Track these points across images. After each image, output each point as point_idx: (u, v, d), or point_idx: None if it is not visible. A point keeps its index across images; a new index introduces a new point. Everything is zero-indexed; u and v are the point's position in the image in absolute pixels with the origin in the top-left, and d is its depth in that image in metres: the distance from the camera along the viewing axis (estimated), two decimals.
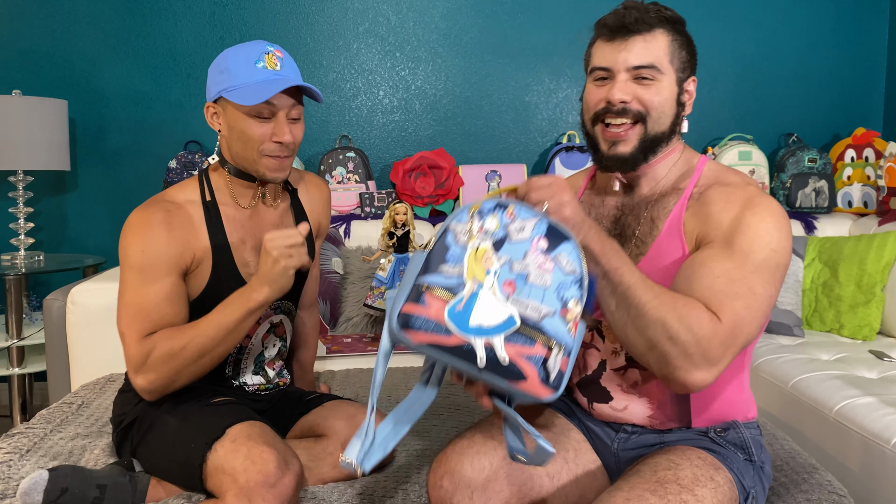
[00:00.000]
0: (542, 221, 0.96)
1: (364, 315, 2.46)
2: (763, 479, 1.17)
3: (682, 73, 1.16)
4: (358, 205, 2.81)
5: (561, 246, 0.95)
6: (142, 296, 1.27)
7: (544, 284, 0.92)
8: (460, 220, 0.96)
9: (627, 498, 0.99)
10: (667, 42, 1.14)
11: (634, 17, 1.12)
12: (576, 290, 0.94)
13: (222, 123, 1.33)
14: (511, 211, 0.96)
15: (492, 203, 0.97)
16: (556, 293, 0.92)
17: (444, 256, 0.93)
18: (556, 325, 0.91)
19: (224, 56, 1.30)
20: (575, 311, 0.93)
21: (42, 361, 2.67)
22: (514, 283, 0.92)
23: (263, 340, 1.45)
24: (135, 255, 1.27)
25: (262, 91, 1.25)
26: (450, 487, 1.11)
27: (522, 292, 0.92)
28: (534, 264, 0.93)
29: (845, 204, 2.91)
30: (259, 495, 1.11)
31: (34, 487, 1.18)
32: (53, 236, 2.93)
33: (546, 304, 0.92)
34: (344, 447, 1.35)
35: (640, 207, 1.20)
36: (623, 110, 1.13)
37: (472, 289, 0.91)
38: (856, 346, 2.30)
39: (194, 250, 1.32)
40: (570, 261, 0.94)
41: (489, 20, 3.00)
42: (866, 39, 3.15)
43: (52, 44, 2.85)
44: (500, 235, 0.94)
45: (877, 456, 1.62)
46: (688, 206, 1.15)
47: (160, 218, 1.29)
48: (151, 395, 1.29)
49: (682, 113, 1.18)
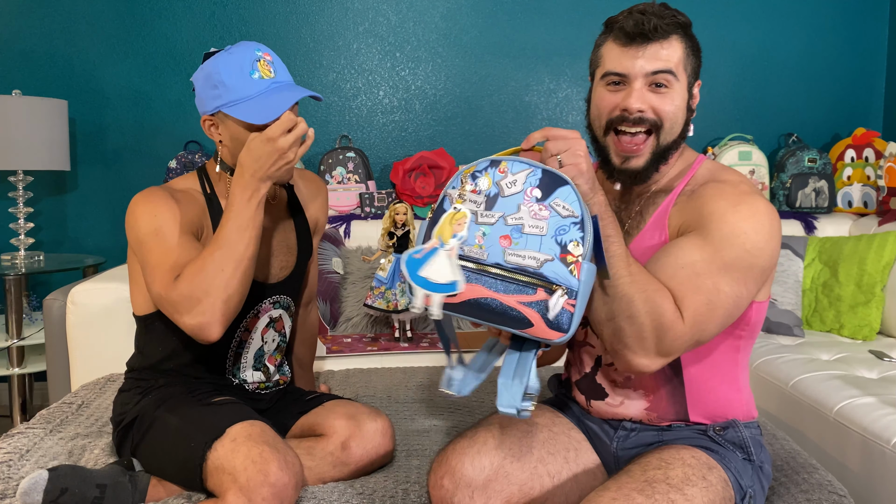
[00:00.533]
0: (536, 171, 0.98)
1: (364, 315, 2.46)
2: (762, 478, 1.17)
3: (692, 78, 1.16)
4: (358, 205, 2.81)
5: (556, 192, 0.96)
6: (166, 252, 1.24)
7: (540, 232, 0.95)
8: (455, 185, 1.01)
9: (614, 497, 0.99)
10: (682, 48, 1.12)
11: (654, 24, 1.09)
12: (576, 233, 0.95)
13: (222, 134, 1.33)
14: (503, 167, 0.99)
15: (485, 163, 1.00)
16: (553, 238, 0.95)
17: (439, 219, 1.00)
18: (556, 268, 0.93)
19: (214, 68, 1.27)
20: (576, 252, 0.94)
21: (42, 361, 2.67)
22: (509, 236, 0.96)
23: (263, 335, 1.45)
24: (147, 223, 1.26)
25: (270, 107, 1.25)
26: (450, 487, 1.11)
27: (518, 244, 0.96)
28: (528, 214, 0.96)
29: (845, 204, 2.91)
30: (259, 494, 1.11)
31: (34, 487, 1.18)
32: (53, 236, 2.93)
33: (544, 251, 0.94)
34: (344, 447, 1.36)
35: (634, 203, 1.21)
36: (639, 119, 1.11)
37: (433, 244, 0.98)
38: (856, 346, 2.30)
39: (202, 226, 1.33)
40: (566, 205, 0.96)
41: (489, 20, 3.00)
42: (866, 39, 3.15)
43: (52, 44, 2.85)
44: (492, 192, 0.98)
45: (877, 456, 1.62)
46: (676, 201, 1.15)
47: (164, 194, 1.30)
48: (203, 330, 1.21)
49: (690, 118, 1.17)
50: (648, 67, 1.10)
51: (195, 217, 1.32)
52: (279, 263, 1.45)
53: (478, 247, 0.97)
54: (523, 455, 1.15)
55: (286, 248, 1.47)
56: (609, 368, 1.21)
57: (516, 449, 1.15)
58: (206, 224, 1.34)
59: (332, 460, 1.35)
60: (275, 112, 1.24)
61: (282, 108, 1.25)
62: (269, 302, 1.45)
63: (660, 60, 1.10)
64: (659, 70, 1.10)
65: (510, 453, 1.15)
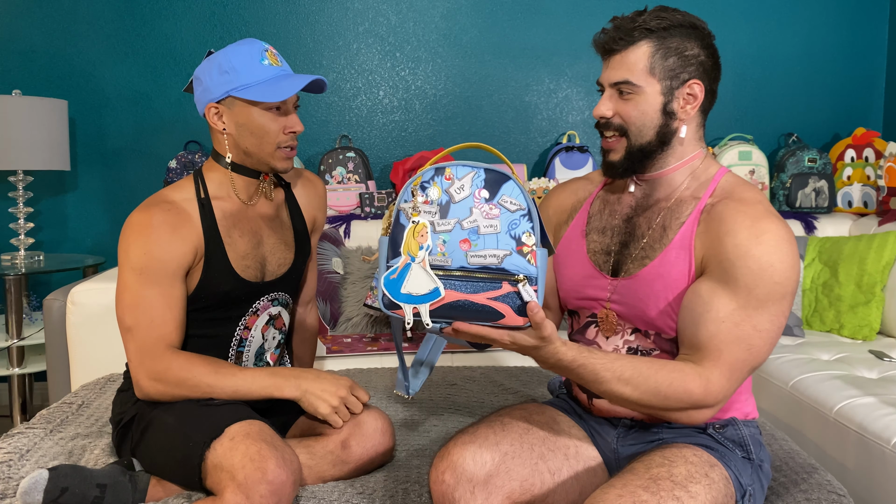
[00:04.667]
0: (479, 172, 1.04)
1: (364, 315, 2.46)
2: (761, 477, 1.18)
3: (671, 81, 1.15)
4: (358, 205, 2.81)
5: (502, 189, 1.03)
6: (143, 298, 1.28)
7: (495, 231, 1.02)
8: (407, 199, 1.05)
9: (620, 494, 1.00)
10: (647, 55, 1.14)
11: (611, 35, 1.16)
12: (526, 224, 1.02)
13: (227, 122, 1.35)
14: (448, 173, 1.04)
15: (430, 172, 1.05)
16: (507, 234, 1.02)
17: (401, 236, 1.05)
18: (515, 261, 1.01)
19: (225, 56, 1.32)
20: (529, 242, 1.01)
21: (42, 361, 2.67)
22: (468, 239, 1.02)
23: (263, 332, 1.47)
24: (137, 258, 1.28)
25: (283, 88, 1.30)
26: (451, 482, 1.11)
27: (477, 244, 1.02)
28: (480, 216, 1.02)
29: (845, 204, 2.92)
30: (257, 492, 1.11)
31: (34, 487, 1.18)
32: (53, 236, 2.94)
33: (501, 247, 1.02)
34: (344, 446, 1.36)
35: (654, 212, 1.21)
36: (606, 124, 1.19)
37: (405, 261, 1.03)
38: (856, 346, 2.30)
39: (196, 248, 1.34)
40: (513, 199, 1.03)
41: (489, 20, 3.00)
42: (866, 39, 3.16)
43: (52, 44, 2.85)
44: (444, 200, 1.03)
45: (877, 456, 1.62)
46: (700, 219, 1.15)
47: (162, 219, 1.30)
48: (146, 398, 1.33)
49: (671, 122, 1.16)
50: (612, 78, 1.17)
51: (189, 245, 1.33)
52: (276, 261, 1.46)
53: (441, 255, 1.03)
54: (524, 451, 1.16)
55: (283, 246, 1.47)
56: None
57: (518, 445, 1.16)
58: (200, 245, 1.35)
59: (331, 459, 1.35)
60: (288, 91, 1.30)
61: (295, 87, 1.30)
62: (268, 299, 1.45)
63: (620, 70, 1.16)
64: (617, 81, 1.16)
65: (511, 449, 1.15)
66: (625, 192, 1.26)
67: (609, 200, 1.28)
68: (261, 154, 1.37)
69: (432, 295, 1.02)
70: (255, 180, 1.42)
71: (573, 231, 1.30)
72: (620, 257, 1.22)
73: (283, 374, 1.34)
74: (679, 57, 1.15)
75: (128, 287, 1.29)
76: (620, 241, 1.23)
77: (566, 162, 2.88)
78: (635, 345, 1.20)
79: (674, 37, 1.14)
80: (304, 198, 1.55)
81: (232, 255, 1.37)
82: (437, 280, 1.02)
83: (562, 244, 1.31)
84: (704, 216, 1.15)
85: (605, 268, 1.23)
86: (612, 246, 1.23)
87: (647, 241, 1.19)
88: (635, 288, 1.18)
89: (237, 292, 1.39)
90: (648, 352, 1.19)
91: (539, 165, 3.08)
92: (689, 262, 1.14)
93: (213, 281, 1.35)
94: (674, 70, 1.15)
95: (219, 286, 1.36)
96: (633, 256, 1.19)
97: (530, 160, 3.08)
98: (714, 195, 1.17)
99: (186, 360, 1.30)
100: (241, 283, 1.38)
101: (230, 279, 1.36)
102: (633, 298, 1.18)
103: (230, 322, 1.41)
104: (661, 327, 1.16)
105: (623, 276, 1.20)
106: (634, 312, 1.19)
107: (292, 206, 1.52)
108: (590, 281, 1.24)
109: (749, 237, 1.07)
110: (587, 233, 1.28)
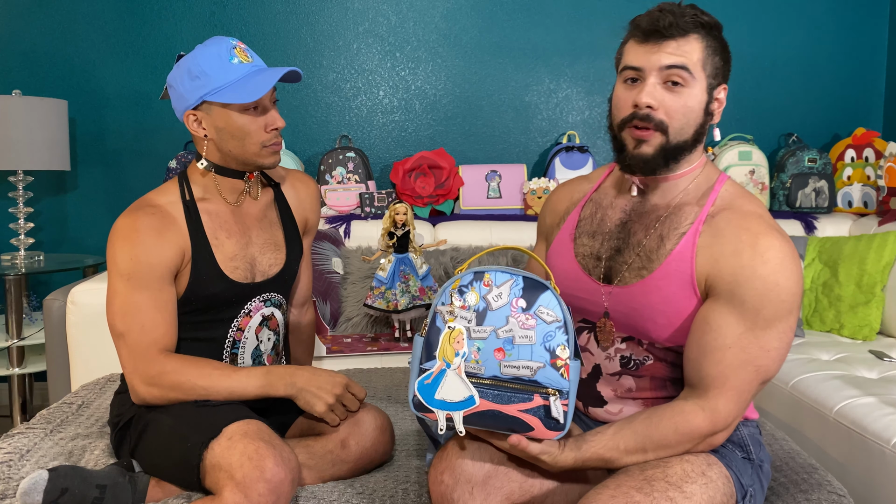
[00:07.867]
0: (517, 280, 1.04)
1: (364, 315, 2.46)
2: (762, 477, 1.17)
3: (713, 80, 1.13)
4: (358, 205, 2.81)
5: (539, 299, 1.04)
6: (132, 303, 1.28)
7: (530, 342, 1.02)
8: (444, 302, 1.05)
9: (613, 495, 1.00)
10: (701, 47, 1.11)
11: (669, 21, 1.08)
12: (561, 336, 1.03)
13: (207, 128, 1.33)
14: (487, 279, 1.04)
15: (469, 276, 1.05)
16: (542, 346, 1.02)
17: (437, 339, 1.05)
18: (548, 374, 1.02)
19: (194, 60, 1.29)
20: (563, 356, 1.02)
21: (42, 361, 2.67)
22: (502, 349, 1.02)
23: (257, 334, 1.45)
24: (124, 263, 1.28)
25: (256, 86, 1.27)
26: (450, 482, 1.11)
27: (511, 354, 1.02)
28: (517, 325, 1.03)
29: (845, 204, 2.92)
30: (255, 490, 1.11)
31: (34, 487, 1.18)
32: (53, 236, 2.94)
33: (535, 359, 1.02)
34: (343, 445, 1.36)
35: (650, 218, 1.17)
36: (647, 116, 1.10)
37: (440, 367, 1.04)
38: (856, 346, 2.30)
39: (183, 250, 1.34)
40: (549, 311, 1.03)
41: (489, 20, 3.00)
42: (866, 39, 3.16)
43: (52, 44, 2.85)
44: (481, 307, 1.04)
45: (877, 456, 1.62)
46: (701, 231, 1.12)
47: (147, 223, 1.30)
48: (142, 403, 1.33)
49: (708, 122, 1.15)
50: (663, 62, 1.08)
51: (176, 248, 1.32)
52: (267, 261, 1.44)
53: (475, 362, 1.03)
54: None
55: (273, 246, 1.46)
56: (612, 379, 1.19)
57: None
58: (186, 247, 1.34)
59: (331, 458, 1.35)
60: (261, 90, 1.26)
61: (267, 85, 1.27)
62: (260, 300, 1.44)
63: (675, 55, 1.08)
64: (673, 65, 1.08)
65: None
66: (620, 196, 1.23)
67: (602, 204, 1.24)
68: (246, 155, 1.35)
69: (467, 403, 1.03)
70: (240, 181, 1.41)
71: (563, 233, 1.27)
72: (613, 263, 1.18)
73: (278, 372, 1.33)
74: (721, 58, 1.14)
75: (117, 293, 1.29)
76: (613, 247, 1.19)
77: (566, 162, 2.88)
78: (627, 353, 1.18)
79: (716, 38, 1.13)
80: (295, 198, 1.54)
81: (220, 257, 1.37)
82: (473, 388, 1.02)
83: (553, 246, 1.28)
84: (706, 228, 1.11)
85: (594, 273, 1.19)
86: (604, 251, 1.19)
87: (642, 250, 1.15)
88: (630, 298, 1.15)
89: (227, 294, 1.38)
90: (641, 361, 1.17)
91: (539, 165, 3.08)
92: (690, 276, 1.10)
93: (202, 283, 1.35)
94: (716, 69, 1.13)
95: (208, 288, 1.35)
96: (629, 265, 1.16)
97: (530, 160, 3.08)
98: (715, 205, 1.14)
99: (180, 362, 1.29)
100: (230, 284, 1.37)
101: (219, 281, 1.35)
102: (628, 308, 1.15)
103: (222, 324, 1.40)
104: (656, 338, 1.14)
105: (618, 284, 1.16)
106: (629, 322, 1.16)
107: (282, 205, 1.51)
108: (579, 284, 1.21)
109: (753, 256, 1.05)
110: (576, 236, 1.24)
